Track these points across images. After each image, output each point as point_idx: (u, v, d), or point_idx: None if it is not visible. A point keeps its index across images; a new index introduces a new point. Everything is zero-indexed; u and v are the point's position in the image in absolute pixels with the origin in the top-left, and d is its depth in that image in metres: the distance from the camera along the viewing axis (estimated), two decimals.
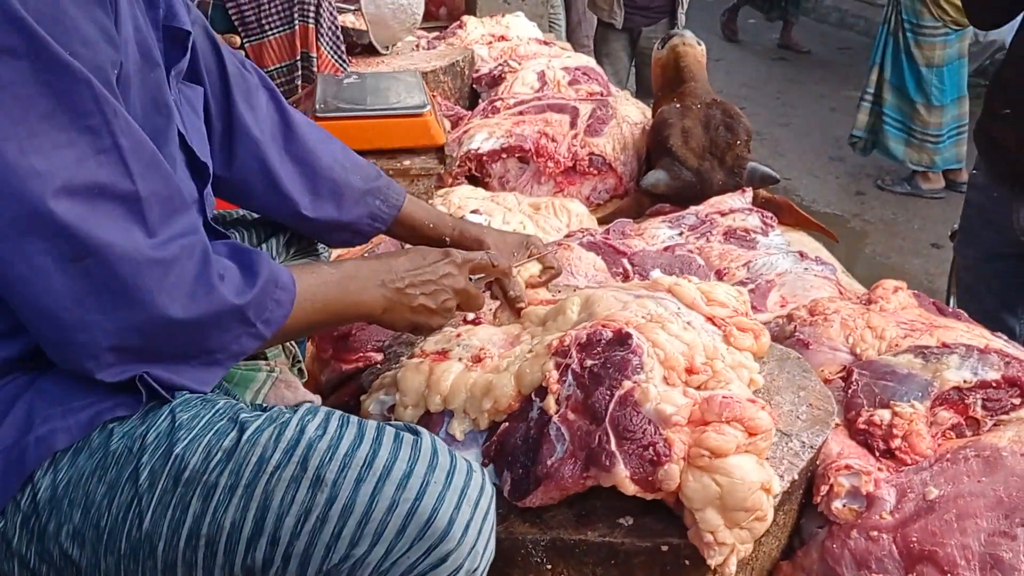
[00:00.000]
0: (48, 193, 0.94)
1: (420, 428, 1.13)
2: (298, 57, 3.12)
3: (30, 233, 0.95)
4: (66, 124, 0.96)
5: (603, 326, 1.33)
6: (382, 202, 1.55)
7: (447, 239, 1.58)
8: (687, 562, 1.26)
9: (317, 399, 1.44)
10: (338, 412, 1.12)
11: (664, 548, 1.25)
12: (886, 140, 5.10)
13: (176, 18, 1.19)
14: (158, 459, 1.04)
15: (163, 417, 1.08)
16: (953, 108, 4.98)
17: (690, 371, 1.29)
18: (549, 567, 1.28)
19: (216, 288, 1.05)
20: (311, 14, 3.06)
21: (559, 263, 1.63)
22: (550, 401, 1.28)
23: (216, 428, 1.07)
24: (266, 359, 1.39)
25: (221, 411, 1.10)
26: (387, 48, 3.52)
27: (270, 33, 3.06)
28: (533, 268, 1.65)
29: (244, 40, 3.09)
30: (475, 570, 1.06)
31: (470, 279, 1.39)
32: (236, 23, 3.07)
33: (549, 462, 1.24)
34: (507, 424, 1.32)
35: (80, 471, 1.05)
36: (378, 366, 1.67)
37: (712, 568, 1.22)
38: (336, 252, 2.21)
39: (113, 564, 1.05)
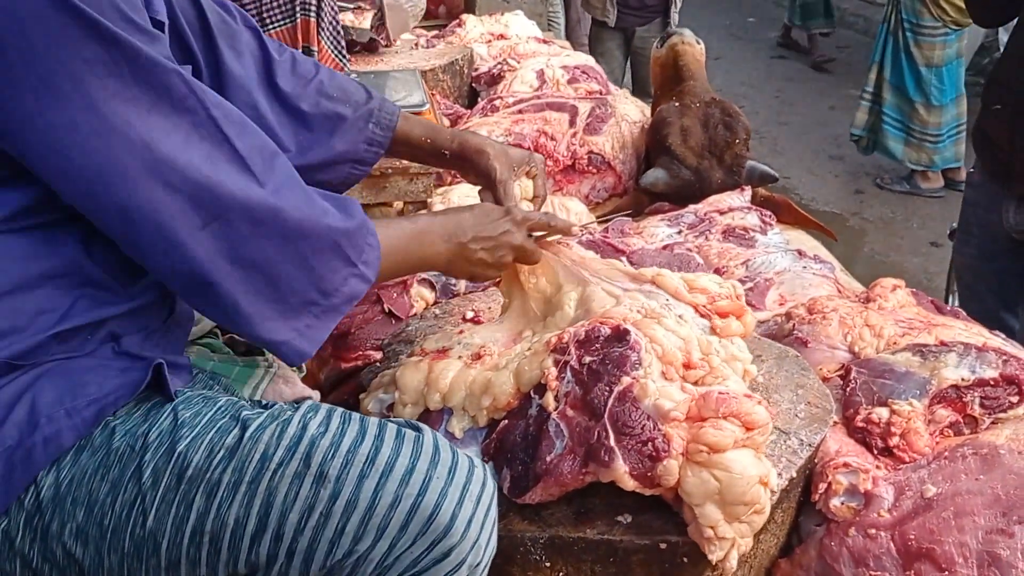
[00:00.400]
0: (175, 172, 1.02)
1: (421, 425, 1.14)
2: (299, 51, 3.11)
3: (169, 206, 1.02)
4: (168, 111, 1.03)
5: (601, 323, 1.33)
6: (375, 125, 1.54)
7: (445, 152, 1.59)
8: (685, 560, 1.26)
9: (316, 395, 1.45)
10: (340, 409, 1.12)
11: (663, 546, 1.25)
12: (885, 139, 5.11)
13: (151, 7, 1.19)
14: (161, 457, 1.04)
15: (165, 415, 1.08)
16: (952, 108, 4.98)
17: (687, 366, 1.29)
18: (548, 565, 1.29)
19: (321, 219, 1.12)
20: (312, 8, 3.06)
21: (546, 190, 1.67)
22: (549, 398, 1.29)
23: (218, 425, 1.07)
24: (263, 355, 1.39)
25: (223, 409, 1.10)
26: (397, 40, 3.51)
27: (271, 27, 3.05)
28: (528, 184, 1.66)
29: None
30: (477, 565, 1.07)
31: (528, 237, 1.43)
32: None
33: (548, 458, 1.24)
34: (506, 421, 1.32)
35: (83, 469, 1.05)
36: (377, 364, 1.68)
37: (712, 564, 1.23)
38: None
39: (117, 562, 1.05)
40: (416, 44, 3.79)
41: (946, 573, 1.25)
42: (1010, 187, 2.21)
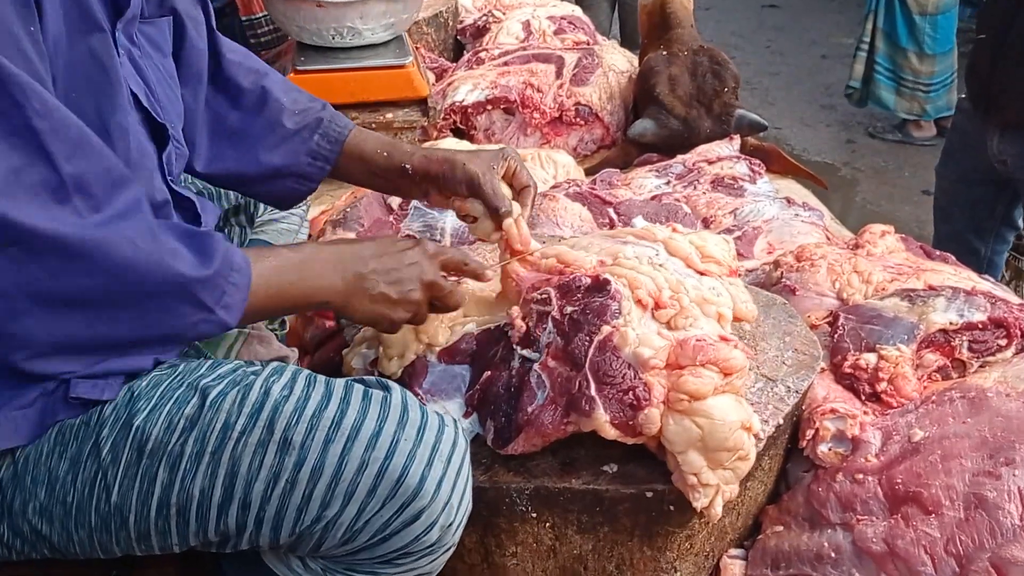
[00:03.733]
0: None
1: (391, 383, 1.12)
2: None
3: None
4: None
5: (581, 272, 1.31)
6: (321, 137, 1.39)
7: (407, 166, 1.39)
8: (671, 508, 1.26)
9: (293, 353, 1.43)
10: (305, 371, 1.10)
11: (649, 494, 1.25)
12: (877, 89, 5.05)
13: None
14: (118, 432, 1.02)
15: (121, 387, 1.05)
16: (946, 57, 4.92)
17: (658, 305, 1.27)
18: (534, 515, 1.28)
19: (166, 263, 0.97)
20: None
21: (532, 178, 1.43)
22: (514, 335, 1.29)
23: (176, 396, 1.04)
24: None
25: (180, 376, 1.07)
26: None
27: None
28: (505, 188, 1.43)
29: None
30: (450, 525, 1.06)
31: (443, 276, 1.25)
32: None
33: (530, 409, 1.23)
34: (489, 373, 1.31)
35: (38, 448, 1.03)
36: None
37: (698, 511, 1.22)
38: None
39: (86, 536, 1.04)
40: None
41: (933, 516, 1.25)
42: (991, 115, 2.25)
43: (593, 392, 1.19)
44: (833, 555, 1.31)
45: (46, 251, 0.91)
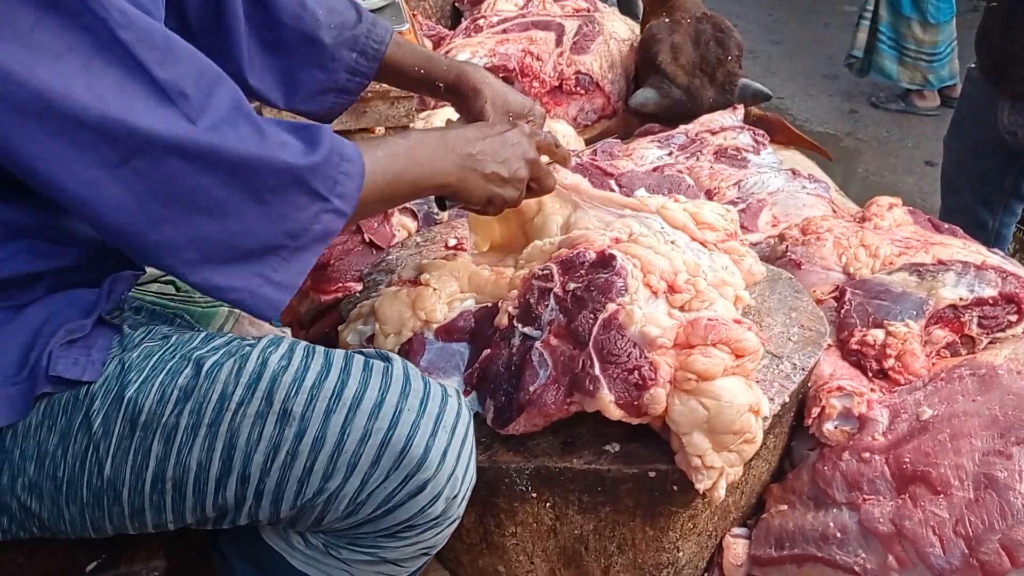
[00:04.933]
0: (70, 101, 0.86)
1: (391, 354, 1.09)
2: None
3: (70, 148, 0.87)
4: (58, 29, 0.86)
5: (586, 247, 1.28)
6: (360, 55, 1.39)
7: (440, 84, 1.43)
8: (675, 488, 1.23)
9: (286, 333, 1.40)
10: (303, 342, 1.07)
11: (651, 474, 1.22)
12: (880, 59, 4.98)
13: None
14: (110, 404, 0.99)
15: (110, 360, 1.02)
16: (948, 25, 4.85)
17: (672, 289, 1.24)
18: (534, 495, 1.26)
19: (276, 155, 0.96)
20: None
21: (562, 146, 1.43)
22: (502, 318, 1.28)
23: (168, 367, 1.01)
24: None
25: (172, 348, 1.04)
26: None
27: None
28: None
29: None
30: (455, 496, 1.03)
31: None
32: None
33: (532, 388, 1.20)
34: (489, 351, 1.28)
35: (26, 422, 1.00)
36: (357, 295, 1.62)
37: (701, 493, 1.20)
38: None
39: (77, 513, 1.01)
40: None
41: (941, 496, 1.22)
42: (1002, 85, 2.20)
43: (597, 371, 1.16)
44: (839, 535, 1.28)
45: (167, 155, 0.90)
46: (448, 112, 2.48)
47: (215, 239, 0.95)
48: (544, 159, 1.33)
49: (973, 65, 2.39)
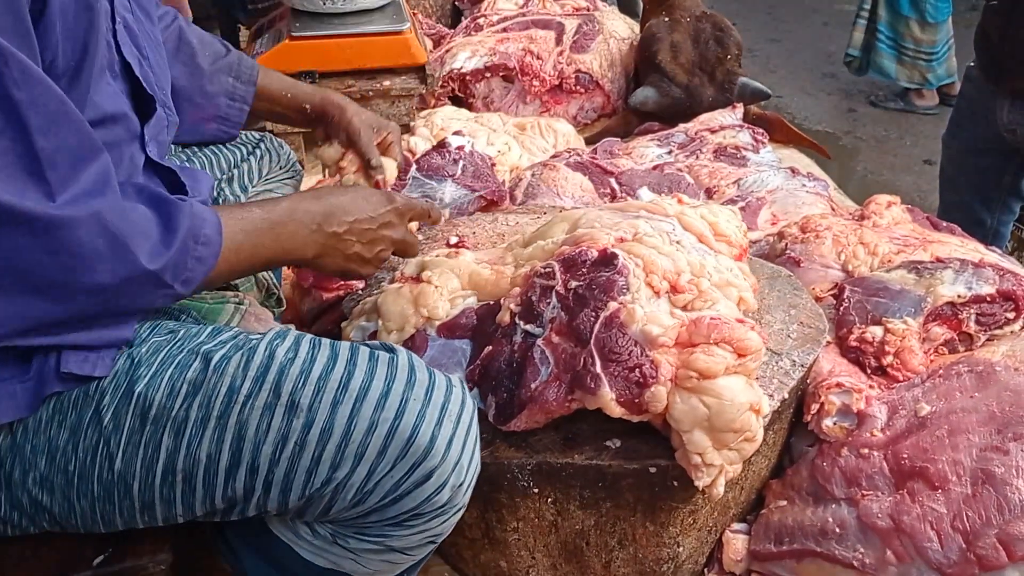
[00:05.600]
0: None
1: (396, 346, 1.09)
2: None
3: None
4: None
5: (588, 246, 1.29)
6: (235, 79, 1.45)
7: (307, 107, 1.53)
8: (675, 483, 1.24)
9: (291, 329, 1.40)
10: (309, 335, 1.07)
11: (652, 470, 1.23)
12: (879, 58, 4.99)
13: None
14: (120, 400, 1.00)
15: (119, 356, 1.03)
16: (946, 25, 4.86)
17: (675, 289, 1.25)
18: (536, 491, 1.27)
19: (129, 253, 0.93)
20: None
21: (404, 159, 1.62)
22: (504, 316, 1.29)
23: (177, 361, 1.02)
24: (235, 290, 1.34)
25: (180, 343, 1.05)
26: None
27: None
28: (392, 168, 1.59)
29: None
30: (460, 484, 1.04)
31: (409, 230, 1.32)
32: None
33: (533, 385, 1.21)
34: (491, 348, 1.29)
35: (37, 417, 1.01)
36: (359, 292, 1.63)
37: (700, 489, 1.21)
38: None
39: (88, 507, 1.02)
40: None
41: (939, 491, 1.24)
42: (1002, 83, 2.21)
43: (598, 369, 1.17)
44: (837, 530, 1.30)
45: (13, 228, 0.87)
46: (449, 111, 2.49)
47: (40, 318, 0.93)
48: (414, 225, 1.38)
49: (972, 63, 2.40)
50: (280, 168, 1.67)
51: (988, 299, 1.50)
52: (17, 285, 0.90)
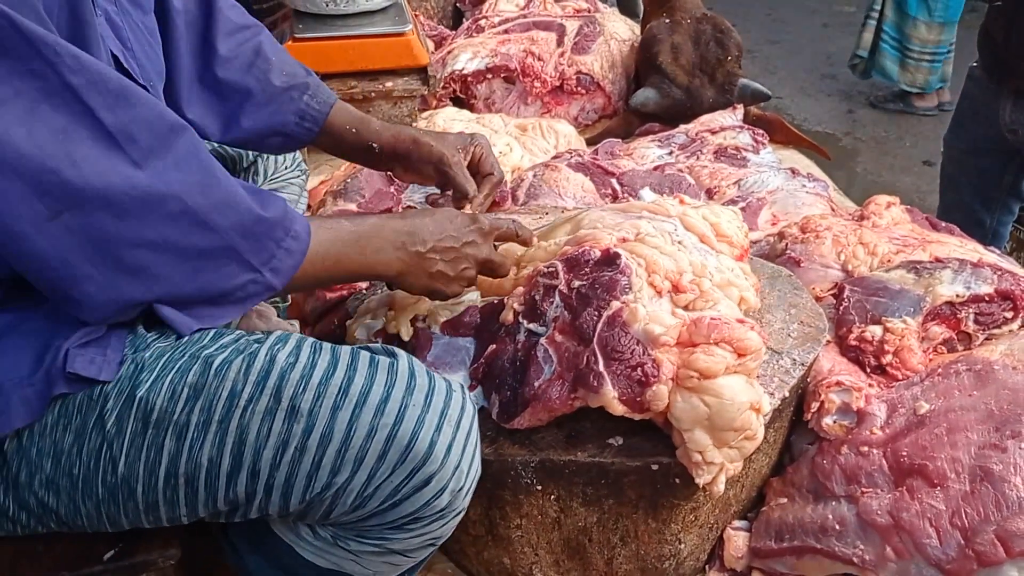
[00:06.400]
0: (9, 149, 0.86)
1: (397, 350, 1.11)
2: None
3: (4, 198, 0.88)
4: (5, 75, 0.87)
5: (591, 246, 1.30)
6: (311, 98, 1.42)
7: (374, 145, 1.46)
8: (677, 480, 1.26)
9: (294, 327, 1.41)
10: (310, 339, 1.08)
11: (654, 467, 1.25)
12: (882, 59, 5.00)
13: None
14: (122, 404, 1.01)
15: (124, 362, 1.04)
16: (953, 25, 4.86)
17: (676, 289, 1.26)
18: (539, 488, 1.28)
19: (219, 212, 0.97)
20: None
21: (498, 167, 1.50)
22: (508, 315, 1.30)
23: (178, 366, 1.03)
24: None
25: (183, 347, 1.05)
26: None
27: None
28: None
29: None
30: (460, 489, 1.05)
31: (495, 249, 1.32)
32: None
33: (536, 384, 1.23)
34: (495, 346, 1.30)
35: (43, 421, 1.02)
36: (363, 292, 1.65)
37: (701, 486, 1.22)
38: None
39: (93, 508, 1.03)
40: None
41: (938, 488, 1.25)
42: (1005, 83, 2.23)
43: (601, 368, 1.19)
44: (837, 527, 1.31)
45: (99, 210, 0.91)
46: (451, 112, 2.51)
47: (136, 300, 0.97)
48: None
49: (975, 63, 2.42)
50: (286, 167, 1.68)
51: (986, 299, 1.51)
52: (110, 271, 0.93)
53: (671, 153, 2.37)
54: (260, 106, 1.40)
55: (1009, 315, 1.51)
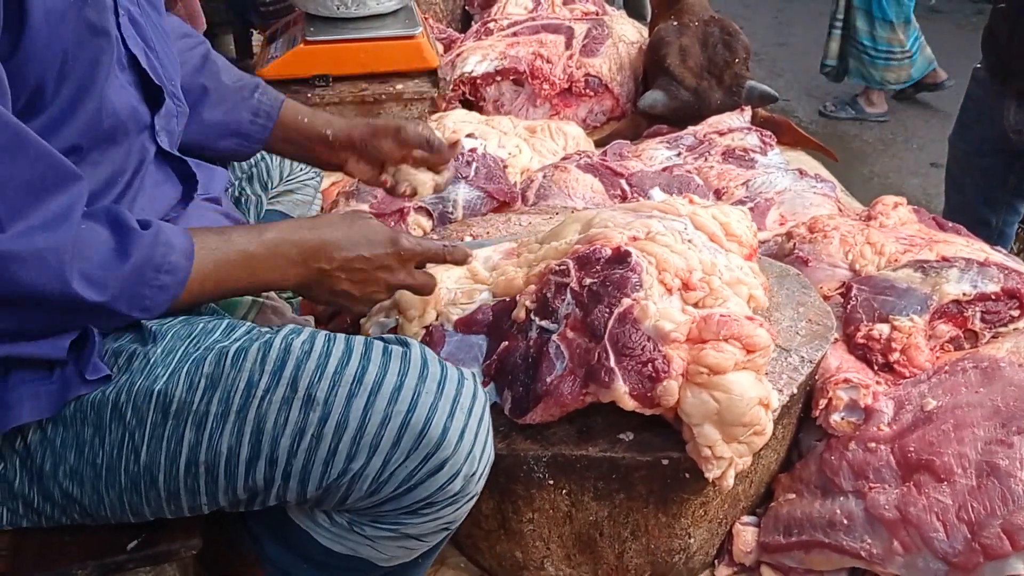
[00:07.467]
0: None
1: (410, 340, 1.12)
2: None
3: None
4: None
5: (602, 244, 1.32)
6: (261, 94, 1.44)
7: (328, 132, 1.46)
8: (687, 475, 1.27)
9: (309, 322, 1.43)
10: (323, 331, 1.10)
11: (664, 462, 1.26)
12: (859, 64, 5.00)
13: None
14: (141, 399, 1.03)
15: (136, 358, 1.06)
16: (911, 23, 4.89)
17: (687, 287, 1.28)
18: (551, 482, 1.30)
19: (68, 290, 0.93)
20: None
21: (443, 145, 1.47)
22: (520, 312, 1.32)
23: (193, 358, 1.05)
24: None
25: (196, 340, 1.07)
26: None
27: None
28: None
29: None
30: (473, 474, 1.07)
31: (413, 273, 1.25)
32: None
33: (549, 379, 1.25)
34: (507, 343, 1.32)
35: (64, 414, 1.04)
36: None
37: (711, 481, 1.24)
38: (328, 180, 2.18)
39: (116, 498, 1.06)
40: None
41: (945, 483, 1.27)
42: (1009, 85, 2.25)
43: (612, 363, 1.21)
44: (845, 522, 1.33)
45: None
46: (460, 114, 2.53)
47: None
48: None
49: (979, 65, 2.43)
50: (301, 168, 1.70)
51: (993, 297, 1.53)
52: None
53: (679, 154, 2.39)
54: (213, 105, 1.42)
55: (1015, 313, 1.53)
